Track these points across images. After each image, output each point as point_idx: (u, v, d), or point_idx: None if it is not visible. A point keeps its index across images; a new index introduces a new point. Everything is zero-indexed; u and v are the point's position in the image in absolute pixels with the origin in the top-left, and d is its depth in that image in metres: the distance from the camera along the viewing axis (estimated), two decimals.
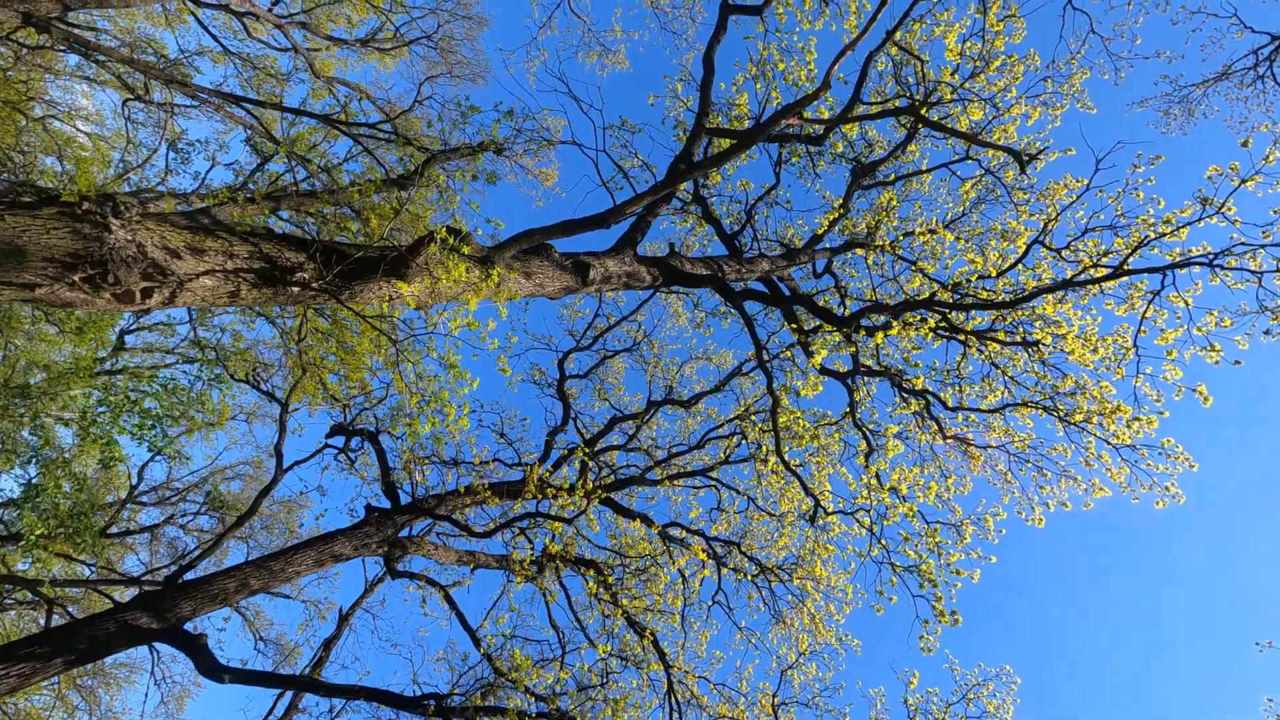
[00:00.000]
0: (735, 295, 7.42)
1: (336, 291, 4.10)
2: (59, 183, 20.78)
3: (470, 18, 18.05)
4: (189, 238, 3.56)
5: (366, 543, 9.81)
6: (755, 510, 12.34)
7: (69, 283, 3.11)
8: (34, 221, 3.02)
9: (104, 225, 3.18)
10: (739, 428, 12.87)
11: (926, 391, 8.90)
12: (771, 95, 9.50)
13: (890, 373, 9.02)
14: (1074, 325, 7.74)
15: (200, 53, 20.61)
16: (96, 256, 3.13)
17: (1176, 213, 7.70)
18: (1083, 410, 8.72)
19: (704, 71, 8.04)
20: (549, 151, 14.12)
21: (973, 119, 9.58)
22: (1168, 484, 7.90)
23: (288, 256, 3.95)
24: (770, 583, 11.53)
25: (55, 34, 14.94)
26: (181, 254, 3.48)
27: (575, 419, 14.31)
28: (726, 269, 8.45)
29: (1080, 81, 9.95)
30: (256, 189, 18.04)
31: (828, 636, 10.75)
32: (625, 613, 10.89)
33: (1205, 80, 10.46)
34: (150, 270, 3.31)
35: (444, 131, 15.88)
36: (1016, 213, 10.55)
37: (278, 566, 8.82)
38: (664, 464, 13.46)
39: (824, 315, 7.26)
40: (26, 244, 2.98)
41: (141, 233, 3.33)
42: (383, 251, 4.33)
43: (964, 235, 12.11)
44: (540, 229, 5.10)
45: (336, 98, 19.11)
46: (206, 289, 3.61)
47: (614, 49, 14.42)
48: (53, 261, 3.05)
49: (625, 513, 12.29)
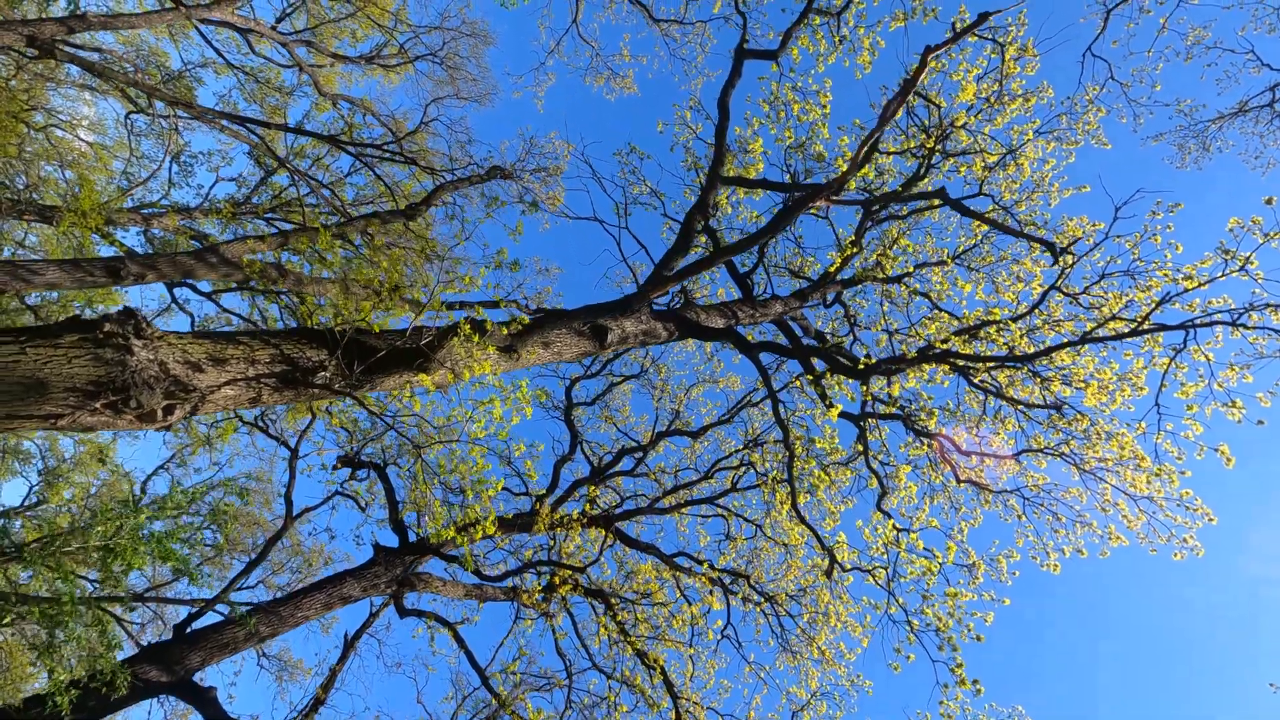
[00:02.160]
0: (751, 347, 7.35)
1: (357, 386, 4.03)
2: (62, 190, 20.69)
3: (475, 35, 17.94)
4: (210, 348, 3.48)
5: (375, 583, 9.75)
6: (764, 540, 12.28)
7: (91, 409, 3.03)
8: (55, 352, 2.94)
9: (126, 348, 3.10)
10: (747, 457, 12.81)
11: (942, 435, 8.82)
12: (785, 135, 9.41)
13: (905, 415, 8.95)
14: (1094, 381, 7.67)
15: (203, 64, 20.49)
16: (119, 382, 3.05)
17: (1198, 264, 7.61)
18: (1098, 453, 8.67)
19: (719, 117, 7.95)
20: (556, 178, 14.02)
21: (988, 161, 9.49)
22: (1186, 536, 7.83)
23: (309, 356, 3.88)
24: (780, 615, 11.48)
25: (60, 56, 14.84)
26: (204, 366, 3.40)
27: (582, 444, 14.25)
28: (740, 314, 8.37)
29: (1096, 118, 9.87)
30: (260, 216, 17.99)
31: (839, 670, 10.69)
32: (637, 649, 10.84)
33: (1221, 116, 10.38)
34: (173, 389, 3.24)
35: (452, 160, 15.81)
36: (1029, 248, 10.48)
37: (287, 612, 8.76)
38: (672, 493, 13.39)
39: (841, 369, 7.20)
40: (48, 376, 2.90)
41: (163, 350, 3.25)
42: (408, 342, 4.26)
43: (974, 265, 12.04)
44: (567, 313, 5.03)
45: (341, 114, 19.01)
46: (228, 398, 3.54)
47: (622, 73, 14.33)
48: (74, 391, 2.98)
49: (634, 544, 12.23)
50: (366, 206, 18.90)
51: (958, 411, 9.06)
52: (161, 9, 15.50)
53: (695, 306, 7.55)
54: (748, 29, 8.29)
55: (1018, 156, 9.38)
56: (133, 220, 18.59)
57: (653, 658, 11.52)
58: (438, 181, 16.10)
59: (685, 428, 13.98)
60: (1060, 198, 10.67)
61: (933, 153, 8.28)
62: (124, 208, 19.89)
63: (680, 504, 13.35)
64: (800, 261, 12.39)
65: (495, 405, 4.29)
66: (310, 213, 18.43)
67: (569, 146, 15.19)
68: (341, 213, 16.69)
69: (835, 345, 10.17)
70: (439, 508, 7.60)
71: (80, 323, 3.10)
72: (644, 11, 12.74)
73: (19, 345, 2.88)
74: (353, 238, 11.42)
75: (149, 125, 20.71)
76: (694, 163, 11.93)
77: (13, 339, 2.89)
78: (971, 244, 11.91)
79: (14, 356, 2.84)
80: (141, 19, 15.22)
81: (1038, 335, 8.81)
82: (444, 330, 4.21)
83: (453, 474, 4.98)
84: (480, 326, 4.41)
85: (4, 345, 2.84)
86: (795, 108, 9.24)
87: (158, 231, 19.64)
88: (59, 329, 3.04)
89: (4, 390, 2.79)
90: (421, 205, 12.10)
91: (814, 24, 9.20)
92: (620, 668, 12.23)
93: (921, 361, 7.70)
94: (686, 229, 6.95)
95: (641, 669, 11.76)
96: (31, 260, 7.87)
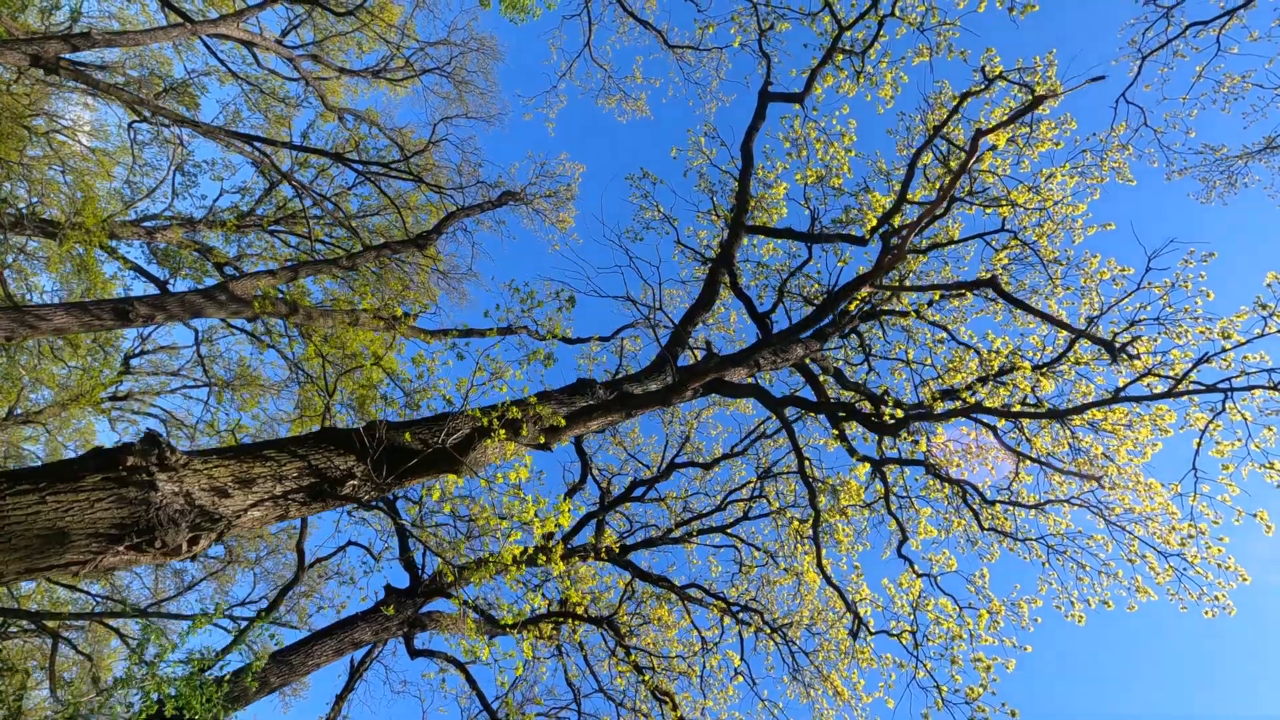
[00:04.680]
0: (778, 404, 7.18)
1: (385, 490, 3.87)
2: (65, 194, 20.47)
3: (483, 50, 17.70)
4: (236, 468, 3.31)
5: (386, 625, 9.60)
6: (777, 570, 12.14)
7: (114, 553, 2.86)
8: (77, 498, 2.77)
9: (150, 484, 2.93)
10: (760, 489, 12.66)
11: (964, 483, 8.66)
12: (808, 173, 9.22)
13: (927, 461, 8.78)
14: (1128, 439, 7.51)
15: (207, 72, 20.27)
16: (144, 523, 2.88)
17: (1234, 317, 7.44)
18: (1125, 501, 8.51)
19: (742, 162, 7.77)
20: (569, 204, 13.83)
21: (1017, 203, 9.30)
22: (1218, 594, 7.67)
23: (336, 464, 3.71)
24: (793, 650, 11.34)
25: (64, 74, 14.63)
26: (230, 490, 3.23)
27: (592, 471, 14.08)
28: (762, 361, 8.18)
29: (1123, 157, 9.68)
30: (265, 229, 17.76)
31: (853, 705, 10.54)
32: (652, 688, 10.71)
33: (1247, 152, 10.18)
34: (198, 520, 3.07)
35: (461, 174, 15.60)
36: (1052, 287, 10.30)
37: (298, 660, 8.60)
38: (684, 524, 13.24)
39: (867, 424, 7.04)
40: (70, 525, 2.73)
41: (189, 479, 3.08)
42: (437, 435, 4.09)
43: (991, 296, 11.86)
44: (600, 406, 4.86)
45: (346, 127, 18.80)
46: (255, 520, 3.38)
47: (634, 95, 14.11)
48: (97, 537, 2.81)
49: (646, 577, 12.10)
50: (372, 218, 18.72)
51: (986, 461, 8.90)
52: (167, 26, 15.27)
53: (716, 358, 7.37)
54: (772, 70, 8.08)
55: (1045, 199, 9.20)
56: (136, 234, 18.39)
57: (665, 689, 11.41)
58: (445, 199, 15.91)
59: (696, 456, 13.82)
60: (1084, 235, 10.51)
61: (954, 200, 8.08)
62: (127, 220, 19.69)
63: (692, 533, 13.21)
64: (815, 288, 12.20)
65: (522, 474, 4.10)
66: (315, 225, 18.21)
67: (580, 168, 15.01)
68: (345, 225, 16.49)
69: (857, 385, 9.99)
70: (450, 553, 7.44)
71: (102, 457, 2.92)
72: (658, 36, 12.53)
73: (38, 494, 2.70)
74: (365, 270, 11.23)
75: (152, 134, 20.50)
76: (708, 187, 11.74)
77: (31, 485, 2.71)
78: (989, 276, 11.72)
79: (34, 508, 2.67)
80: (147, 35, 14.99)
81: (1066, 382, 8.65)
82: (475, 431, 4.04)
83: (471, 536, 4.82)
84: (515, 427, 4.24)
85: (23, 495, 2.67)
86: (818, 146, 9.05)
87: (162, 244, 19.44)
88: (80, 467, 2.86)
89: (24, 545, 2.62)
90: (433, 233, 11.91)
91: (836, 61, 9.02)
92: (631, 699, 12.12)
93: (949, 417, 7.53)
94: (711, 284, 6.77)
95: (654, 701, 11.65)
96: (39, 306, 7.69)
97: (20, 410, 22.96)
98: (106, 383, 21.80)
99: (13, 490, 2.64)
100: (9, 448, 23.70)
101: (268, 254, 20.53)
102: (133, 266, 18.14)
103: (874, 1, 8.32)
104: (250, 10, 15.87)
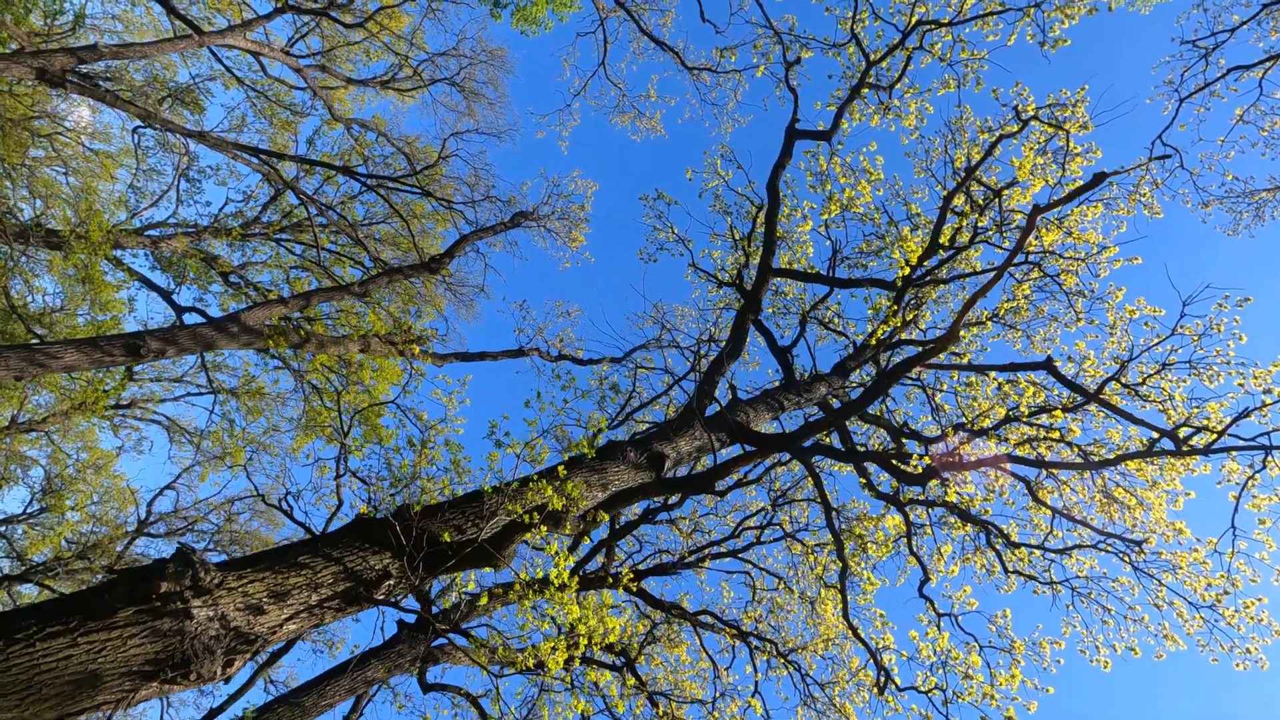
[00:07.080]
0: (805, 453, 7.04)
1: (420, 587, 3.73)
2: (68, 198, 20.30)
3: (493, 61, 17.48)
4: (271, 582, 3.16)
5: (399, 662, 9.46)
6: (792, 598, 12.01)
7: (147, 688, 2.71)
8: (110, 636, 2.62)
9: (185, 612, 2.78)
10: (775, 516, 12.52)
11: (988, 523, 8.52)
12: (831, 208, 9.05)
13: (947, 502, 8.64)
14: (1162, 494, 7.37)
15: (212, 77, 20.07)
16: (179, 655, 2.73)
17: (1272, 368, 7.29)
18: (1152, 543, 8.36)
19: (769, 200, 7.60)
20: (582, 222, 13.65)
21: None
22: (1249, 646, 7.54)
23: (371, 564, 3.56)
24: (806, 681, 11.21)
25: (70, 87, 14.42)
26: (265, 607, 3.08)
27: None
28: (786, 402, 8.04)
29: (1151, 191, 9.51)
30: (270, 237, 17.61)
31: None
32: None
33: (1275, 187, 10.01)
34: (233, 644, 2.92)
35: (470, 188, 15.41)
36: (1077, 319, 10.14)
37: (310, 701, 8.47)
38: (697, 551, 13.11)
39: (896, 474, 6.91)
40: (102, 667, 2.58)
41: (223, 601, 2.93)
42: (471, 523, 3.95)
43: (1016, 324, 11.74)
44: (639, 490, 4.72)
45: (353, 136, 18.59)
46: (290, 632, 3.23)
47: (649, 114, 13.93)
48: (130, 675, 2.66)
49: (658, 605, 11.96)
50: (379, 225, 18.52)
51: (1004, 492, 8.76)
52: (174, 38, 15.07)
53: (742, 404, 7.23)
54: (799, 107, 7.90)
55: (1076, 239, 9.03)
56: (141, 243, 18.20)
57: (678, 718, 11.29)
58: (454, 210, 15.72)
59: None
60: (1110, 268, 10.35)
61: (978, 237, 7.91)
62: (132, 229, 19.50)
63: (703, 558, 13.08)
64: (838, 321, 12.03)
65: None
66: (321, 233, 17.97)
67: (593, 185, 14.83)
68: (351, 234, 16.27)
69: (877, 418, 9.83)
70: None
71: (134, 586, 2.77)
72: (675, 56, 12.34)
73: (69, 636, 2.55)
74: (378, 295, 11.07)
75: (157, 139, 20.31)
76: (724, 208, 11.55)
77: (63, 626, 2.56)
78: (1012, 306, 11.57)
79: (65, 652, 2.52)
80: (153, 48, 14.80)
81: (1093, 430, 8.50)
82: (513, 525, 3.90)
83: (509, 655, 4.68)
84: (557, 521, 4.09)
85: (54, 638, 2.52)
86: (843, 179, 8.88)
87: (167, 252, 19.27)
88: (112, 601, 2.71)
89: (55, 693, 2.47)
90: (445, 256, 11.74)
91: (862, 95, 8.84)
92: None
93: (979, 465, 7.38)
94: (739, 331, 6.62)
95: None
96: (50, 344, 7.53)
97: (24, 417, 22.79)
98: (111, 392, 21.63)
99: (43, 634, 2.49)
100: (9, 453, 23.50)
101: (273, 262, 20.35)
102: (138, 277, 17.96)
103: (903, 36, 8.13)
104: (259, 20, 15.66)
